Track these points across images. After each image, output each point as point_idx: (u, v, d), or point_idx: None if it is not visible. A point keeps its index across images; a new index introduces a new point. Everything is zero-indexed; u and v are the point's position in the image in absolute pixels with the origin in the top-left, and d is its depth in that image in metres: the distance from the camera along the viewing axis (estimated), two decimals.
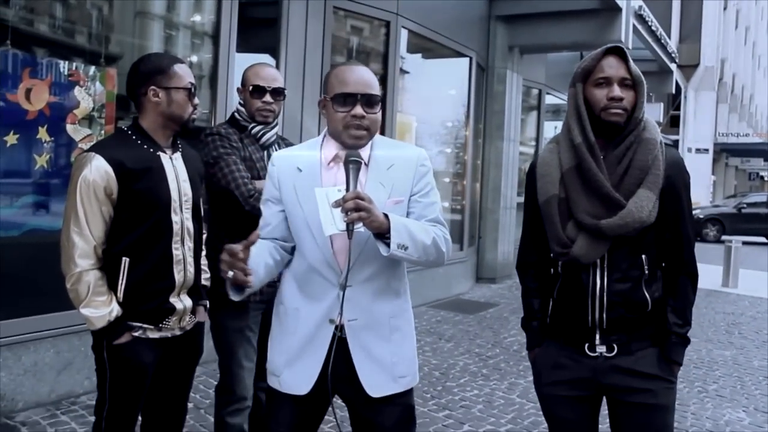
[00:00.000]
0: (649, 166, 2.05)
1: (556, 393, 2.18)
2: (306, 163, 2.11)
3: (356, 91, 2.02)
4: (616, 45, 2.09)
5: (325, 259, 2.04)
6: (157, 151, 2.41)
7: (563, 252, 2.09)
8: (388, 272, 2.10)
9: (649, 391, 2.09)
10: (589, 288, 2.08)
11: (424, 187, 2.14)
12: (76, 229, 2.27)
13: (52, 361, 4.05)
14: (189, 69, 2.47)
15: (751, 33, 41.93)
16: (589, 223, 2.04)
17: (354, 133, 2.03)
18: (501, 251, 9.86)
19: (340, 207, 1.87)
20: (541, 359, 2.26)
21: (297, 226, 2.10)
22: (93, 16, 4.66)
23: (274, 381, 2.16)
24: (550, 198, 2.12)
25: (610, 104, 2.03)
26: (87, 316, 2.29)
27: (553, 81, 11.74)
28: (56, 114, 4.14)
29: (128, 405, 2.41)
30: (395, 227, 1.92)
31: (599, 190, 2.04)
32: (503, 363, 5.62)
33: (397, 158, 2.13)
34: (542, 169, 2.17)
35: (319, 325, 2.06)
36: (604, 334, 2.10)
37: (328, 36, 6.22)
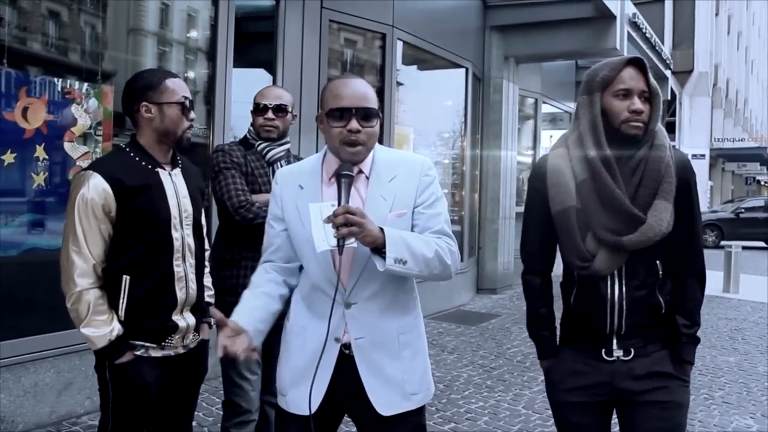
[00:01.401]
0: (663, 175, 2.04)
1: (573, 400, 2.16)
2: (307, 180, 2.08)
3: (351, 105, 1.97)
4: (637, 57, 2.07)
5: (326, 277, 1.99)
6: (156, 167, 2.38)
7: (584, 266, 2.06)
8: (393, 288, 2.04)
9: (664, 388, 2.09)
10: (608, 297, 2.07)
11: (429, 198, 2.07)
12: (74, 248, 2.25)
13: (53, 381, 4.00)
14: (183, 83, 2.44)
15: (744, 38, 42.15)
16: (611, 240, 2.02)
17: (350, 149, 1.98)
18: (501, 262, 9.83)
19: (331, 222, 1.82)
20: (556, 367, 2.22)
21: (299, 244, 2.06)
22: (87, 34, 4.65)
23: (281, 400, 2.12)
24: (568, 209, 2.07)
25: (632, 117, 2.01)
26: (87, 335, 2.26)
27: (549, 90, 11.76)
28: (53, 132, 4.11)
29: (132, 425, 2.37)
30: (391, 241, 1.86)
31: (619, 207, 2.01)
32: (507, 374, 5.58)
33: (400, 169, 2.07)
34: (555, 177, 2.11)
35: (324, 344, 2.00)
36: (621, 339, 2.09)
37: (324, 49, 6.22)
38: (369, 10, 6.85)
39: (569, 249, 2.09)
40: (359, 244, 1.87)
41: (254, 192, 2.97)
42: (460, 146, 9.36)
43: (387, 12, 7.09)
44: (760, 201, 23.37)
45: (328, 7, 6.25)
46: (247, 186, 2.98)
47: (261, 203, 2.91)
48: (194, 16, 5.49)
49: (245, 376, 2.99)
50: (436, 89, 9.17)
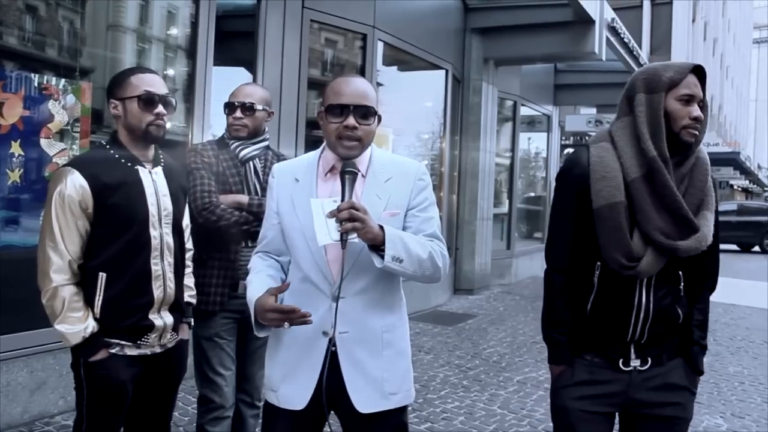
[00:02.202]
0: (709, 187, 2.05)
1: (584, 408, 2.10)
2: (303, 173, 2.13)
3: (349, 103, 2.02)
4: (701, 65, 2.03)
5: (319, 269, 2.03)
6: (135, 164, 2.38)
7: (630, 266, 1.99)
8: (382, 286, 2.08)
9: (678, 405, 2.10)
10: (635, 303, 2.04)
11: (422, 202, 2.13)
12: (51, 244, 2.24)
13: (26, 380, 3.96)
14: (154, 78, 2.42)
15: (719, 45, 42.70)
16: (666, 243, 1.98)
17: (346, 143, 2.03)
18: (478, 262, 9.88)
19: (334, 217, 1.87)
20: (569, 375, 2.15)
21: (292, 236, 2.09)
22: (64, 29, 4.60)
23: (271, 396, 2.13)
24: (616, 204, 1.99)
25: (692, 124, 1.99)
26: (62, 332, 2.25)
27: (528, 92, 11.84)
28: (30, 128, 4.07)
29: (106, 423, 2.36)
30: (390, 239, 1.91)
31: (677, 210, 1.98)
32: (483, 374, 5.62)
33: (396, 171, 2.13)
34: (603, 170, 2.03)
35: (314, 338, 2.04)
36: (640, 348, 2.07)
37: (305, 49, 6.22)
38: (350, 11, 6.86)
39: (614, 246, 2.00)
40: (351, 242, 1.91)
41: (225, 192, 2.96)
42: (439, 147, 9.39)
43: (368, 13, 7.10)
44: (733, 205, 23.76)
45: (309, 6, 6.24)
46: (218, 186, 2.96)
47: (227, 205, 2.91)
48: (174, 13, 5.45)
49: (218, 371, 2.98)
50: (416, 90, 9.19)
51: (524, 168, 13.11)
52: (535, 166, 14.03)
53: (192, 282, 2.68)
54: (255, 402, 3.17)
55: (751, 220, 22.15)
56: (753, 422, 4.68)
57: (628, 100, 2.08)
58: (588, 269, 2.09)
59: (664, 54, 29.91)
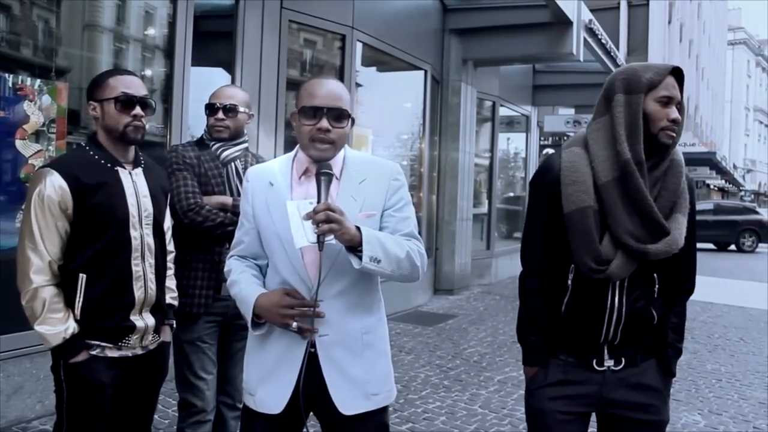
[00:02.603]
0: (683, 190, 2.05)
1: (558, 408, 2.10)
2: (278, 177, 2.11)
3: (323, 105, 2.01)
4: (679, 67, 2.03)
5: (296, 273, 2.02)
6: (115, 165, 2.38)
7: (599, 269, 1.99)
8: (360, 287, 2.07)
9: (652, 407, 2.09)
10: (608, 306, 2.04)
11: (398, 202, 2.12)
12: (30, 245, 2.24)
13: (2, 385, 3.90)
14: (132, 79, 2.42)
15: (695, 46, 43.19)
16: (635, 246, 1.97)
17: (319, 146, 2.02)
18: (458, 263, 9.90)
19: (311, 219, 1.87)
20: (544, 376, 2.15)
21: (269, 240, 2.08)
22: (39, 29, 4.55)
23: (249, 400, 2.12)
24: (586, 209, 1.99)
25: (670, 126, 1.98)
26: (42, 333, 2.24)
27: (507, 93, 11.90)
28: (4, 129, 4.01)
29: (87, 426, 2.35)
30: (367, 240, 1.91)
31: (648, 214, 1.97)
32: (464, 374, 5.63)
33: (370, 172, 2.12)
34: (573, 175, 2.03)
35: (292, 341, 2.03)
36: (613, 349, 2.08)
37: (284, 49, 6.20)
38: (329, 11, 6.85)
39: (584, 250, 2.01)
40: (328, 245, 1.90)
41: (207, 193, 2.95)
42: (419, 148, 9.41)
43: (347, 13, 7.09)
44: (710, 204, 24.02)
45: (287, 7, 6.22)
46: (200, 187, 2.95)
47: (211, 206, 2.90)
48: (152, 13, 5.41)
49: (200, 375, 2.97)
50: (395, 91, 9.20)
51: (503, 168, 13.18)
52: (514, 166, 14.11)
53: (174, 284, 2.67)
54: (236, 404, 3.15)
55: (727, 219, 22.43)
56: (730, 419, 4.74)
57: (606, 101, 2.06)
58: (562, 272, 2.10)
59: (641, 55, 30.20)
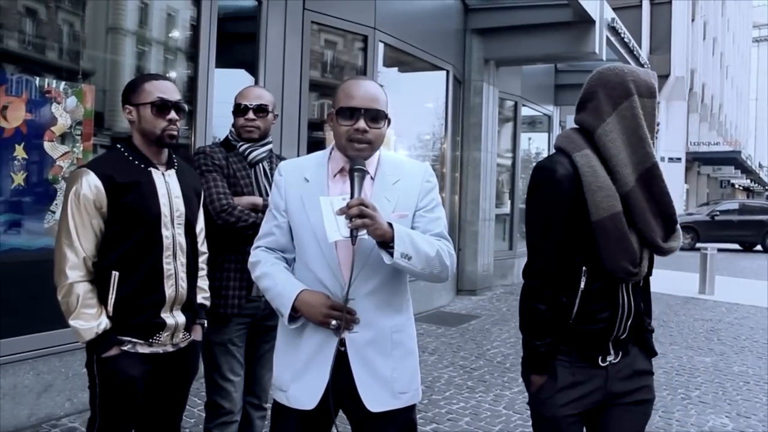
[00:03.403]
0: None
1: (570, 413, 2.09)
2: (313, 173, 2.13)
3: (360, 106, 2.03)
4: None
5: (330, 270, 2.04)
6: (149, 166, 2.44)
7: (635, 272, 2.04)
8: (390, 287, 2.09)
9: (645, 387, 2.19)
10: (620, 303, 2.09)
11: (429, 203, 2.15)
12: (67, 241, 2.32)
13: (32, 383, 3.96)
14: (167, 84, 2.48)
15: (719, 44, 42.73)
16: (665, 246, 2.06)
17: (357, 146, 2.05)
18: (480, 263, 9.88)
19: (344, 214, 1.89)
20: (551, 383, 2.11)
21: (303, 236, 2.10)
22: (65, 32, 4.60)
23: (280, 396, 2.14)
24: (617, 215, 1.99)
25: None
26: (76, 327, 2.31)
27: (529, 93, 11.84)
28: (33, 131, 4.07)
29: (118, 420, 2.40)
30: (399, 236, 1.93)
31: (670, 213, 2.06)
32: (488, 375, 5.61)
33: (403, 174, 2.15)
34: (597, 182, 2.00)
35: (324, 339, 2.05)
36: (617, 344, 2.13)
37: (306, 50, 6.22)
38: (351, 12, 6.86)
39: (621, 255, 2.01)
40: (361, 241, 1.93)
41: (236, 194, 2.96)
42: (441, 148, 9.40)
43: (369, 14, 7.10)
44: (735, 204, 23.75)
45: (310, 8, 6.25)
46: (229, 188, 2.96)
47: (243, 207, 2.91)
48: (175, 15, 5.46)
49: (228, 377, 2.98)
50: (417, 91, 9.19)
51: (525, 168, 13.10)
52: None
53: (206, 284, 2.71)
54: (262, 404, 3.17)
55: (753, 219, 22.14)
56: (759, 422, 4.68)
57: (612, 101, 2.03)
58: (574, 275, 2.06)
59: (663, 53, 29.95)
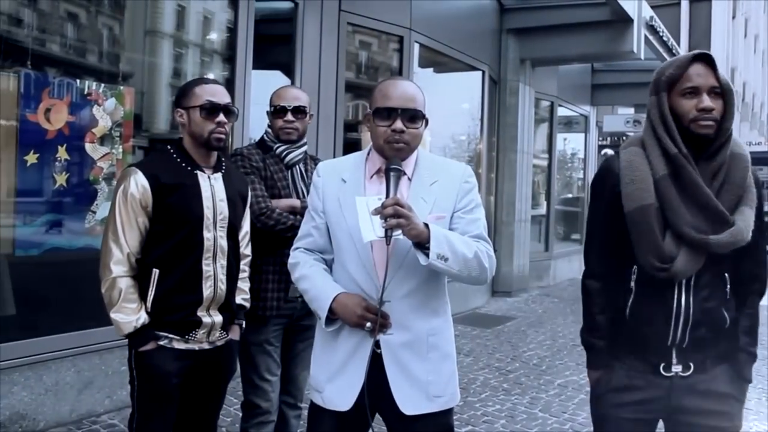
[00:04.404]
0: (749, 184, 1.99)
1: (622, 415, 2.07)
2: (351, 174, 2.13)
3: (397, 106, 2.02)
4: (704, 52, 1.99)
5: (366, 272, 2.03)
6: (195, 169, 2.50)
7: (663, 267, 1.95)
8: (427, 289, 2.07)
9: (724, 414, 2.02)
10: (674, 306, 1.99)
11: (468, 204, 2.12)
12: (113, 237, 2.40)
13: (73, 380, 4.04)
14: (217, 88, 2.54)
15: (760, 41, 41.79)
16: (697, 238, 1.92)
17: (394, 147, 2.03)
18: (516, 264, 9.80)
19: (379, 214, 1.87)
20: (606, 380, 2.12)
21: (340, 237, 2.09)
22: (105, 35, 4.68)
23: (317, 397, 2.14)
24: (647, 207, 1.96)
25: (700, 115, 1.93)
26: (116, 320, 2.39)
27: (565, 93, 11.72)
28: (75, 133, 4.15)
29: (155, 415, 2.45)
30: (435, 237, 1.90)
31: (706, 203, 1.93)
32: (524, 377, 5.56)
33: (441, 174, 2.12)
34: (632, 174, 2.01)
35: (360, 340, 2.04)
36: (682, 353, 2.01)
37: (342, 51, 6.24)
38: (387, 13, 6.86)
39: (647, 249, 1.97)
40: (397, 242, 1.91)
41: (273, 196, 2.97)
42: (476, 149, 9.35)
43: (404, 15, 7.09)
44: None
45: (346, 9, 6.26)
46: (267, 190, 2.97)
47: (281, 209, 2.92)
48: (212, 18, 5.52)
49: (265, 377, 3.00)
50: (453, 92, 9.15)
51: (561, 169, 12.99)
52: (572, 167, 13.89)
53: (247, 286, 2.74)
54: (298, 403, 3.18)
55: None
56: None
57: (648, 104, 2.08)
58: (625, 273, 2.06)
59: None
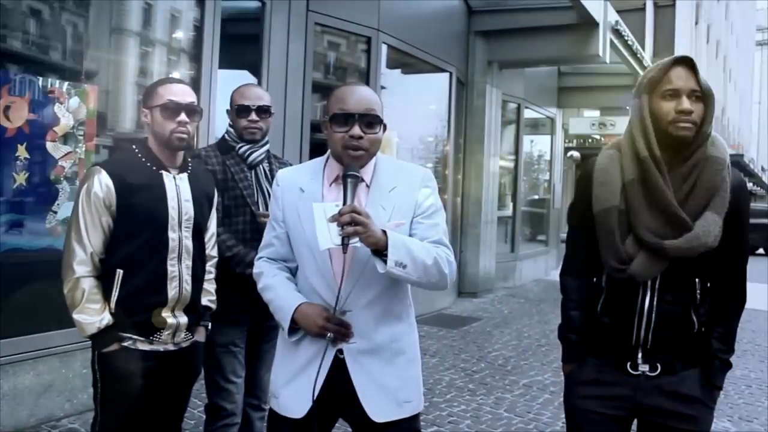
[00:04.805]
0: (717, 188, 1.97)
1: (591, 408, 2.10)
2: (308, 183, 2.09)
3: (354, 111, 1.99)
4: (686, 56, 1.99)
5: (325, 281, 2.00)
6: (160, 169, 2.48)
7: (620, 268, 1.99)
8: (390, 296, 2.05)
9: (691, 418, 2.03)
10: (638, 307, 2.01)
11: (428, 209, 2.08)
12: (76, 237, 2.37)
13: (32, 384, 3.95)
14: (180, 87, 2.52)
15: (722, 47, 42.62)
16: (652, 241, 1.95)
17: (352, 153, 1.99)
18: (482, 265, 9.86)
19: (336, 221, 1.84)
20: (578, 373, 2.17)
21: (299, 247, 2.07)
22: (68, 33, 4.59)
23: (274, 403, 2.12)
24: (610, 209, 2.01)
25: (679, 117, 1.93)
26: (79, 321, 2.36)
27: (532, 95, 11.83)
28: (36, 131, 4.07)
29: (119, 417, 2.41)
30: (393, 244, 1.87)
31: (667, 208, 1.95)
32: (489, 377, 5.60)
33: (401, 180, 2.09)
34: (602, 176, 2.06)
35: (320, 348, 2.00)
36: (648, 354, 2.03)
37: (309, 52, 6.21)
38: (354, 14, 6.86)
39: (607, 250, 2.02)
40: (357, 250, 1.89)
41: (236, 197, 2.91)
42: (443, 150, 9.39)
43: (372, 16, 7.09)
44: None
45: (313, 9, 6.24)
46: (229, 192, 2.91)
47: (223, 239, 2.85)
48: (178, 16, 5.45)
49: (231, 379, 2.97)
50: (420, 93, 9.18)
51: (528, 171, 13.10)
52: (538, 168, 14.03)
53: (213, 287, 2.72)
54: (262, 405, 3.16)
55: (756, 222, 22.06)
56: (761, 426, 4.67)
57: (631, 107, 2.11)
58: (598, 273, 2.13)
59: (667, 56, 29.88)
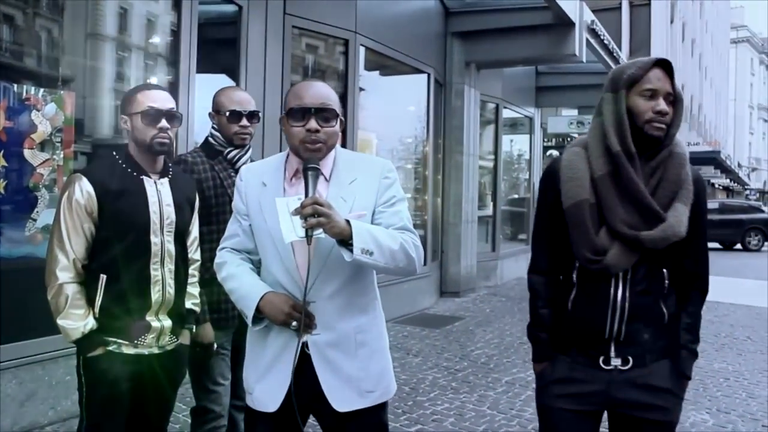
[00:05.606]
0: (683, 181, 2.04)
1: (563, 407, 2.12)
2: (270, 177, 2.13)
3: (310, 105, 2.03)
4: (665, 58, 2.04)
5: (289, 274, 2.04)
6: (141, 175, 2.50)
7: (595, 260, 2.02)
8: (353, 288, 2.09)
9: (662, 409, 2.07)
10: (610, 299, 2.04)
11: (390, 199, 2.12)
12: (58, 243, 2.39)
13: (15, 392, 3.93)
14: (160, 94, 2.54)
15: (698, 45, 43.12)
16: (628, 233, 1.99)
17: (310, 147, 2.03)
18: (464, 265, 9.92)
19: (299, 214, 1.87)
20: (549, 372, 2.18)
21: (262, 240, 2.11)
22: (43, 38, 4.57)
23: (248, 399, 2.16)
24: (581, 202, 2.04)
25: (656, 118, 1.99)
26: (63, 326, 2.37)
27: (510, 95, 11.91)
28: (13, 139, 4.05)
29: (105, 422, 2.42)
30: (357, 232, 1.90)
31: (640, 200, 2.00)
32: (472, 376, 5.64)
33: (361, 172, 2.13)
34: (569, 172, 2.09)
35: (288, 340, 2.05)
36: (620, 347, 2.06)
37: (287, 55, 6.23)
38: (332, 17, 6.88)
39: (581, 242, 2.04)
40: (319, 241, 1.92)
41: (225, 204, 2.89)
42: (423, 151, 9.43)
43: (350, 18, 7.13)
44: (715, 203, 23.95)
45: (291, 12, 6.26)
46: (218, 197, 2.92)
47: None
48: (155, 21, 5.44)
49: (219, 382, 2.97)
50: (399, 95, 9.22)
51: (507, 170, 13.19)
52: (518, 168, 14.12)
53: (197, 291, 2.74)
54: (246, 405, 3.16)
55: (733, 218, 22.38)
56: (738, 417, 4.74)
57: (600, 101, 2.12)
58: (568, 269, 2.14)
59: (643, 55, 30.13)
